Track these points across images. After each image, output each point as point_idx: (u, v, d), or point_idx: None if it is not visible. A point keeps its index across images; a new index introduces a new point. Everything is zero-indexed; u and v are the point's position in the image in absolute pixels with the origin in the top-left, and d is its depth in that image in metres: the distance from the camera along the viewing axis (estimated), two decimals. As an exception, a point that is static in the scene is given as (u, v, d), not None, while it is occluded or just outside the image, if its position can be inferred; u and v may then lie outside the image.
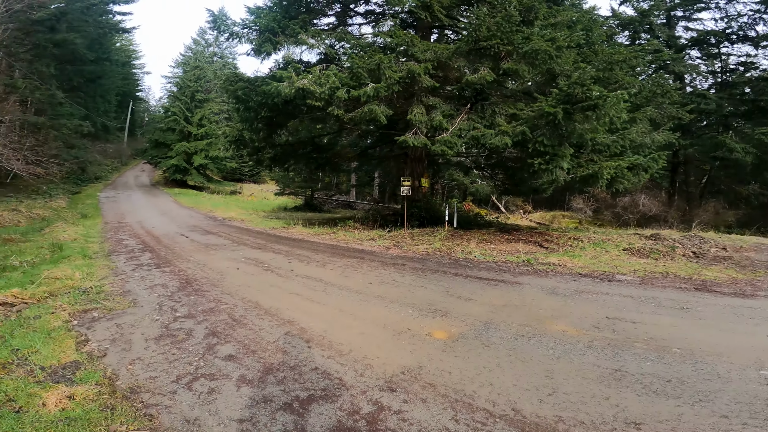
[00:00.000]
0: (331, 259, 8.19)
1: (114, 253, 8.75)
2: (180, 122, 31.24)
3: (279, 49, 11.87)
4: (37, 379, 3.27)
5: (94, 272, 6.85)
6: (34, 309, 4.92)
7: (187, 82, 32.90)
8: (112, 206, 19.11)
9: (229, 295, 5.67)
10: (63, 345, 3.95)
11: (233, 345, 3.97)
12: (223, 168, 35.03)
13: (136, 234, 11.58)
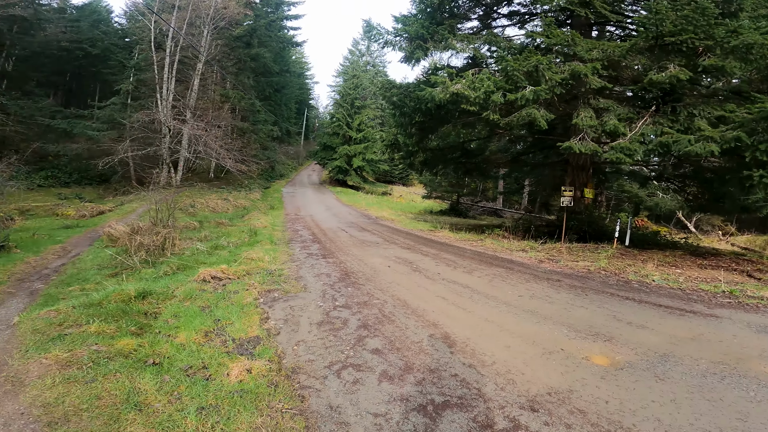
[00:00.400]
0: (478, 266, 8.06)
1: (292, 241, 10.36)
2: (342, 127, 35.01)
3: (428, 55, 12.24)
4: (227, 350, 3.82)
5: (278, 257, 8.23)
6: (234, 284, 6.06)
7: (348, 90, 36.57)
8: (291, 200, 22.64)
9: (381, 291, 5.99)
10: (251, 320, 4.62)
11: (380, 339, 4.11)
12: (377, 170, 37.88)
13: (308, 226, 13.47)
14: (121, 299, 4.72)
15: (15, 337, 3.76)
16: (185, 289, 5.54)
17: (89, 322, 4.06)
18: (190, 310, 4.85)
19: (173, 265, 7.23)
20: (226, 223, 14.33)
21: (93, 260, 8.72)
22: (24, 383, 3.00)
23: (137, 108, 24.23)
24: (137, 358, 3.53)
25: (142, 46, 25.76)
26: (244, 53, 28.33)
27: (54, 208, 14.80)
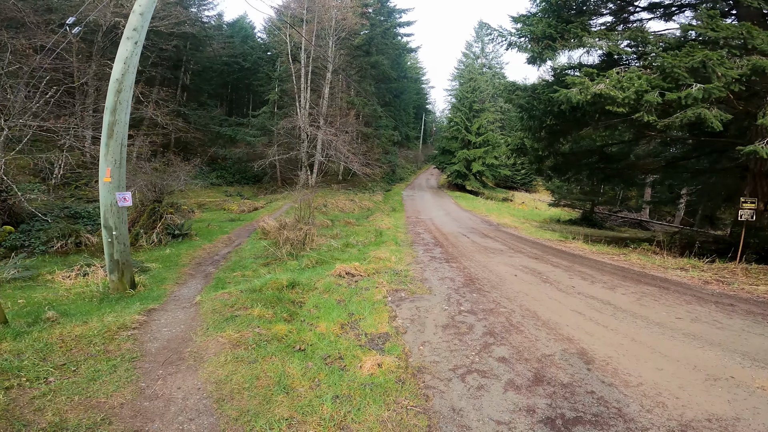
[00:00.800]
0: (621, 282, 7.18)
1: (415, 243, 10.64)
2: (461, 131, 34.57)
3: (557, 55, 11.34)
4: (360, 343, 4.06)
5: (403, 258, 8.53)
6: (365, 281, 6.47)
7: (465, 94, 35.86)
8: (411, 203, 23.26)
9: (508, 299, 5.80)
10: (381, 317, 4.86)
11: (507, 348, 4.03)
12: (497, 175, 36.48)
13: (429, 229, 13.66)
14: (276, 287, 5.44)
15: (198, 315, 4.61)
16: (324, 282, 6.12)
17: (253, 306, 4.76)
18: (328, 303, 5.34)
19: (312, 259, 8.06)
20: (353, 223, 15.40)
21: (250, 250, 10.23)
22: (203, 359, 3.56)
23: (282, 116, 27.66)
24: (287, 343, 3.99)
25: (282, 58, 29.31)
26: (365, 61, 30.00)
27: (221, 204, 17.85)
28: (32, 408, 2.65)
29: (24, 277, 6.80)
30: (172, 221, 10.58)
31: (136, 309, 4.46)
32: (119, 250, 5.92)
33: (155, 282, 6.92)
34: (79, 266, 7.14)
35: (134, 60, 6.22)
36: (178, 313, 4.67)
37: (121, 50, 6.15)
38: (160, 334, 3.89)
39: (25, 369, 3.01)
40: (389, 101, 36.54)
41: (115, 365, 3.23)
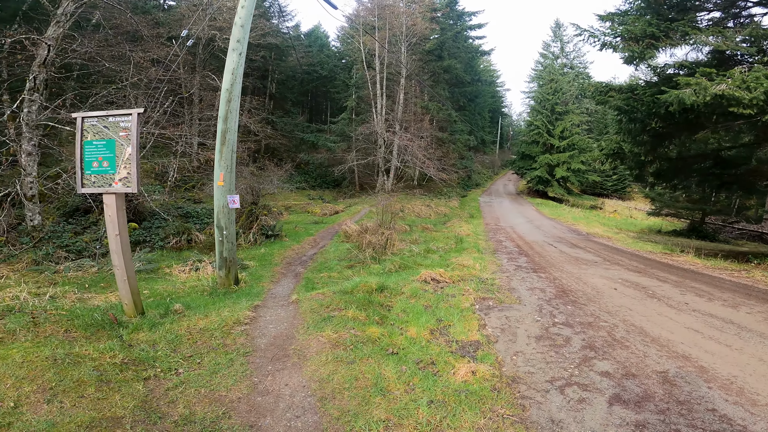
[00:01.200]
0: (745, 301, 6.31)
1: (497, 251, 10.27)
2: (542, 135, 32.69)
3: (658, 54, 10.26)
4: (451, 350, 4.07)
5: (487, 266, 8.27)
6: (450, 288, 6.42)
7: (545, 96, 33.81)
8: (489, 210, 22.57)
9: (608, 314, 5.45)
10: (470, 324, 4.83)
11: (611, 363, 3.84)
12: (584, 181, 33.92)
13: (511, 237, 13.11)
14: (366, 290, 5.58)
15: (298, 313, 4.86)
16: (411, 287, 6.15)
17: (347, 307, 4.93)
18: (415, 308, 5.36)
19: (396, 264, 8.16)
20: (431, 228, 15.33)
21: (334, 252, 10.66)
22: (306, 357, 3.75)
23: (359, 122, 28.55)
24: (381, 346, 4.08)
25: (357, 66, 30.22)
26: (437, 66, 29.82)
27: (305, 207, 18.90)
28: (166, 400, 2.94)
29: (147, 269, 7.78)
30: (266, 222, 11.41)
31: (245, 305, 4.85)
32: (228, 248, 6.52)
33: (253, 279, 7.50)
34: (192, 261, 8.00)
35: (240, 70, 6.82)
36: (280, 310, 4.99)
37: (228, 62, 6.79)
38: (267, 330, 4.18)
39: (159, 360, 3.38)
40: (463, 105, 35.91)
41: (232, 359, 3.52)
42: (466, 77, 35.38)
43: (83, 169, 4.23)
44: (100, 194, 4.16)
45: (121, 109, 12.45)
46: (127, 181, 4.10)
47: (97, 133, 4.16)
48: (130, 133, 4.02)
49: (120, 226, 4.14)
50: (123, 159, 4.07)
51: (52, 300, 5.02)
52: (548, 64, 49.17)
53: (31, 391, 2.69)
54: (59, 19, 8.86)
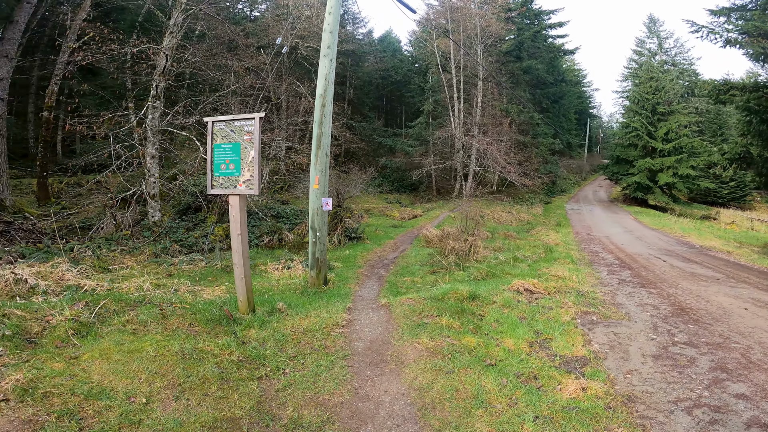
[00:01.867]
0: None
1: (594, 263, 9.39)
2: (642, 137, 29.47)
3: None
4: (554, 364, 3.84)
5: (584, 278, 7.58)
6: (546, 300, 6.03)
7: (644, 95, 30.42)
8: (577, 218, 20.91)
9: (740, 335, 4.87)
10: (573, 339, 4.53)
11: (747, 386, 3.53)
12: (694, 188, 29.93)
13: (607, 248, 11.95)
14: (457, 298, 5.39)
15: (391, 318, 4.80)
16: (502, 297, 5.83)
17: (440, 314, 4.80)
18: (509, 318, 5.07)
19: (482, 271, 7.82)
20: (514, 236, 14.58)
21: (415, 257, 10.58)
22: (403, 364, 3.67)
23: (436, 126, 28.29)
24: (478, 356, 3.90)
25: (432, 69, 29.93)
26: (516, 67, 28.53)
27: (384, 210, 19.16)
28: (277, 402, 3.01)
29: (246, 265, 8.38)
30: (349, 225, 11.72)
31: (340, 307, 4.94)
32: (320, 249, 6.76)
33: (340, 280, 7.68)
34: (284, 260, 8.46)
35: (331, 75, 7.06)
36: (372, 314, 5.00)
37: (320, 67, 7.05)
38: (363, 333, 4.20)
39: (268, 358, 3.51)
40: (547, 107, 33.89)
41: (332, 362, 3.56)
42: (549, 78, 33.42)
43: (213, 171, 4.48)
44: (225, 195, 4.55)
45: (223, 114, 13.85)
46: (250, 183, 4.27)
47: (224, 137, 4.36)
48: (253, 137, 4.19)
49: (242, 225, 4.37)
50: (247, 162, 4.23)
51: (176, 293, 5.56)
52: (643, 61, 44.85)
53: (162, 387, 2.87)
54: (172, 29, 9.99)
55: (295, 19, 24.02)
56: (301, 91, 22.99)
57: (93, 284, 6.91)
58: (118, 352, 3.14)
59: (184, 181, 10.85)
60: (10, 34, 13.15)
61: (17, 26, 13.20)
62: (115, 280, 7.28)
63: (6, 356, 2.95)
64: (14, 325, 3.36)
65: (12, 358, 2.95)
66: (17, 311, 3.54)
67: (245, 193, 4.33)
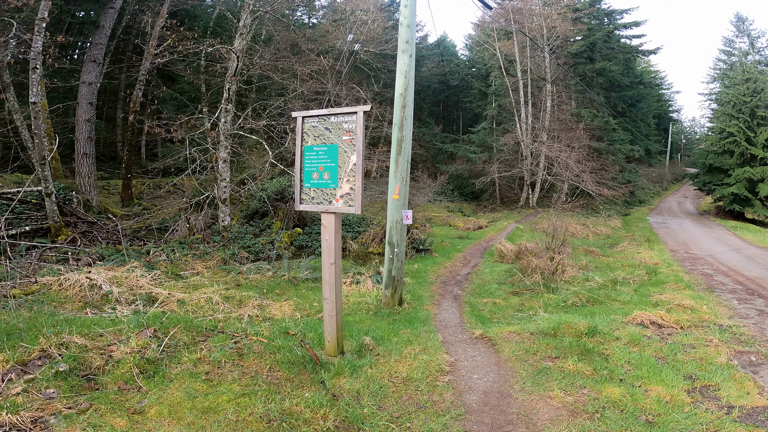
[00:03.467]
0: None
1: (714, 289, 7.88)
2: (739, 144, 25.90)
3: None
4: (733, 418, 3.05)
5: (715, 308, 6.23)
6: (682, 336, 4.90)
7: (741, 98, 26.71)
8: (666, 233, 18.61)
9: None
10: (743, 385, 3.61)
11: None
12: (803, 200, 25.78)
13: (719, 270, 10.18)
14: (573, 333, 4.44)
15: (501, 360, 3.91)
16: (626, 332, 4.80)
17: (562, 356, 3.90)
18: (645, 359, 4.09)
19: (580, 297, 6.72)
20: (597, 252, 13.04)
21: (490, 273, 9.62)
22: (537, 427, 2.85)
23: (501, 132, 26.81)
24: (628, 411, 3.06)
25: (494, 73, 28.43)
26: (588, 69, 26.34)
27: (446, 219, 18.22)
28: None
29: (312, 278, 7.93)
30: (417, 236, 11.00)
31: (434, 342, 4.17)
32: (396, 266, 6.10)
33: (415, 299, 6.96)
34: (352, 274, 7.91)
35: (411, 73, 6.40)
36: (470, 350, 4.17)
37: (399, 65, 6.41)
38: (473, 382, 3.38)
39: (367, 421, 2.77)
40: (623, 111, 31.05)
41: (446, 425, 2.75)
42: (624, 80, 30.65)
43: (302, 180, 3.64)
44: (318, 212, 3.70)
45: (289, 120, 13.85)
46: (349, 198, 3.37)
47: (318, 137, 3.50)
48: (354, 137, 3.29)
49: (336, 252, 3.50)
50: (346, 170, 3.36)
51: (250, 320, 5.07)
52: (733, 62, 40.01)
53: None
54: (241, 31, 9.95)
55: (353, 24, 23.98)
56: (361, 95, 22.79)
57: (165, 293, 6.78)
58: (190, 409, 2.57)
59: (252, 185, 10.74)
60: (97, 39, 13.95)
61: (103, 31, 13.97)
62: (186, 288, 7.11)
63: (59, 400, 2.49)
64: (72, 357, 2.94)
65: (66, 403, 2.48)
66: (77, 339, 3.15)
67: (343, 212, 3.44)
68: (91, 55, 13.95)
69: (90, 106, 13.57)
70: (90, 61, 13.82)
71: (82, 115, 13.36)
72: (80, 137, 13.34)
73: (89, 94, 13.55)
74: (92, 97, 13.69)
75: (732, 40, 41.22)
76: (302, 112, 3.55)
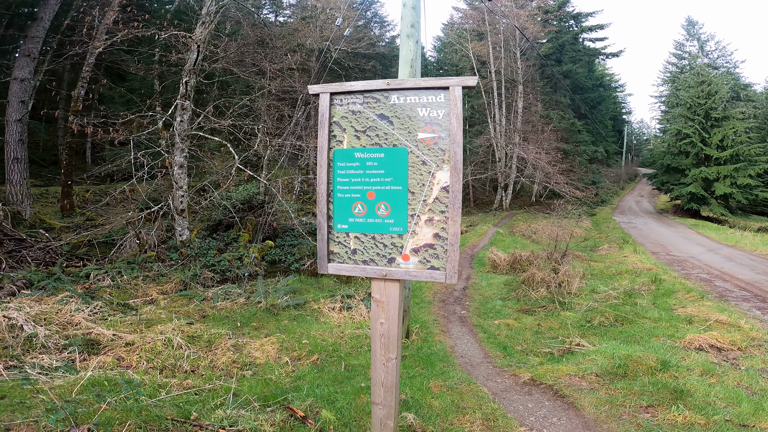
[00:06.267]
0: None
1: (728, 298, 7.46)
2: (695, 145, 27.19)
3: None
4: None
5: (750, 323, 5.67)
6: (746, 359, 4.30)
7: (696, 100, 28.20)
8: (638, 233, 18.81)
9: None
10: None
11: None
12: (752, 199, 27.40)
13: (712, 274, 9.97)
14: (644, 370, 3.60)
15: (590, 423, 2.95)
16: (693, 360, 4.13)
17: (653, 403, 3.06)
18: (733, 393, 3.41)
19: (608, 315, 5.97)
20: (583, 257, 12.62)
21: (488, 287, 8.81)
22: None
23: (474, 134, 26.50)
24: None
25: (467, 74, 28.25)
26: (556, 71, 26.81)
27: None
28: None
29: (294, 304, 6.71)
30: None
31: (488, 402, 3.16)
32: (404, 295, 5.09)
33: (421, 327, 5.95)
34: (340, 297, 6.76)
35: (418, 62, 5.43)
36: (542, 411, 3.18)
37: (403, 52, 5.41)
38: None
39: None
40: (585, 113, 31.92)
41: None
42: (588, 83, 31.48)
43: (330, 214, 2.14)
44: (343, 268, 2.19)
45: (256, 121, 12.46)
46: (433, 254, 1.99)
47: (364, 132, 2.04)
48: (441, 135, 1.93)
49: (397, 341, 2.16)
50: (425, 200, 1.96)
51: (235, 402, 3.72)
52: (684, 65, 42.61)
53: None
54: (204, 19, 8.62)
55: (323, 22, 22.84)
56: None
57: (108, 334, 5.33)
58: None
59: (216, 194, 9.30)
60: (33, 32, 12.05)
61: (41, 24, 12.11)
62: (137, 325, 5.68)
63: None
64: None
65: None
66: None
67: (417, 279, 2.09)
68: (25, 50, 11.97)
69: (22, 105, 11.62)
70: (24, 56, 11.85)
71: (13, 114, 11.45)
72: (10, 140, 11.41)
73: (21, 92, 11.63)
74: (25, 95, 11.74)
75: (683, 43, 43.80)
76: (330, 85, 2.08)
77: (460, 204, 1.95)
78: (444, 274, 1.99)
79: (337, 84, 2.11)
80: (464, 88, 1.92)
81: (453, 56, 31.09)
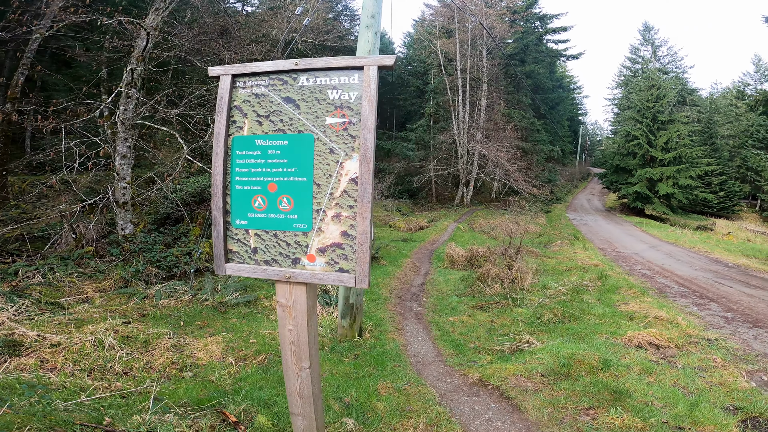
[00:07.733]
0: None
1: (666, 294, 7.91)
2: (642, 146, 28.88)
3: None
4: None
5: (687, 319, 6.02)
6: (683, 357, 4.53)
7: (645, 103, 29.97)
8: (588, 230, 19.69)
9: None
10: None
11: None
12: (692, 198, 29.50)
13: (653, 270, 10.58)
14: (586, 370, 3.69)
15: (533, 427, 2.98)
16: (633, 358, 4.26)
17: (593, 405, 3.12)
18: (670, 393, 3.55)
19: (556, 312, 6.15)
20: (537, 253, 13.06)
21: (445, 283, 8.87)
22: None
23: (438, 130, 26.73)
24: None
25: (433, 70, 28.51)
26: (519, 70, 27.63)
27: (385, 219, 17.36)
28: None
29: (244, 301, 6.44)
30: (364, 242, 9.88)
31: (434, 405, 3.11)
32: (356, 293, 4.98)
33: (375, 324, 5.86)
34: (295, 293, 6.55)
35: (376, 53, 5.29)
36: (482, 411, 3.18)
37: (361, 43, 5.25)
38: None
39: None
40: (545, 113, 33.10)
41: None
42: (548, 83, 32.63)
43: (228, 208, 1.94)
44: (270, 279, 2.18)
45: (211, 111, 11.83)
46: (341, 254, 1.83)
47: (267, 117, 1.87)
48: (353, 119, 1.79)
49: (311, 350, 1.98)
50: (332, 193, 1.81)
51: (158, 407, 3.49)
52: (637, 69, 45.14)
53: None
54: (158, 6, 8.02)
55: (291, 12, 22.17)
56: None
57: (33, 335, 4.87)
58: None
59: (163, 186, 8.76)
60: (-36, 14, 10.80)
61: (-27, 6, 10.87)
62: (66, 325, 5.23)
63: None
64: None
65: None
66: None
67: (323, 283, 1.90)
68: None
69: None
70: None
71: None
72: (-65, 127, 10.16)
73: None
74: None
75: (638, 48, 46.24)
76: (232, 66, 1.90)
77: (370, 198, 1.79)
78: (354, 278, 1.83)
79: (241, 65, 1.92)
80: (381, 68, 1.77)
81: (422, 53, 31.19)
